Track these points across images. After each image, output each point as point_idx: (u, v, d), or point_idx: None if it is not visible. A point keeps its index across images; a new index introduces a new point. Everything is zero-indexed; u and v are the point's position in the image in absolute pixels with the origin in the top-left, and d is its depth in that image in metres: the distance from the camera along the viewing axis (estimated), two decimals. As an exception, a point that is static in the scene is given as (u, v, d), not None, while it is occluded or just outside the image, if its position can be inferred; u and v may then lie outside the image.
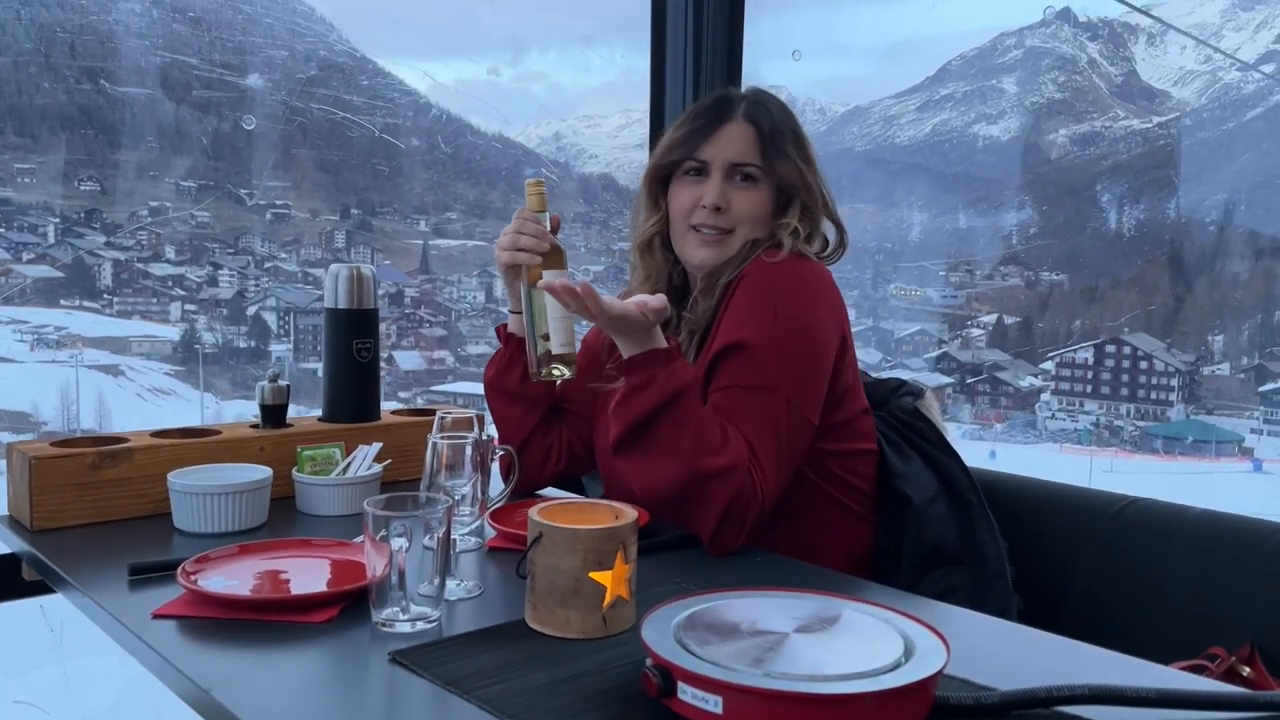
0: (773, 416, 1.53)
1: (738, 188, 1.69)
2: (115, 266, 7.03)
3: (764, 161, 1.69)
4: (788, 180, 1.69)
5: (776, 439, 1.53)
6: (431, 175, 7.53)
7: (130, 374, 6.98)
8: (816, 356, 1.60)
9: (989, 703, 0.97)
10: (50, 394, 6.45)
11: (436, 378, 8.38)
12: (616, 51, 8.71)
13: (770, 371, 1.54)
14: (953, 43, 14.11)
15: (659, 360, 1.47)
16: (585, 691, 1.02)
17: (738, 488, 1.46)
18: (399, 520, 1.14)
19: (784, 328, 1.56)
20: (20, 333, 6.66)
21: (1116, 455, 11.97)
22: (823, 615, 1.06)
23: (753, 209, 1.69)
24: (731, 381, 1.55)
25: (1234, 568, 1.55)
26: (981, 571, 1.66)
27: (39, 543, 1.56)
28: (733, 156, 1.69)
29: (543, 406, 1.81)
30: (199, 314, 7.33)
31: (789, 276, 1.61)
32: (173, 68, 6.06)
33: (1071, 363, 12.56)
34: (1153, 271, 12.84)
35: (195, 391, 6.88)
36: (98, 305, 6.99)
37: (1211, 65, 14.66)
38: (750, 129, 1.69)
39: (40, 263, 6.70)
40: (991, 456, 11.18)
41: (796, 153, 1.70)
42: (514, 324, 1.81)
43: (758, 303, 1.58)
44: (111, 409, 6.69)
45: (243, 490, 1.61)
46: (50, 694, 3.21)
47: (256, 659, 1.15)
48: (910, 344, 12.34)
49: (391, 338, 8.27)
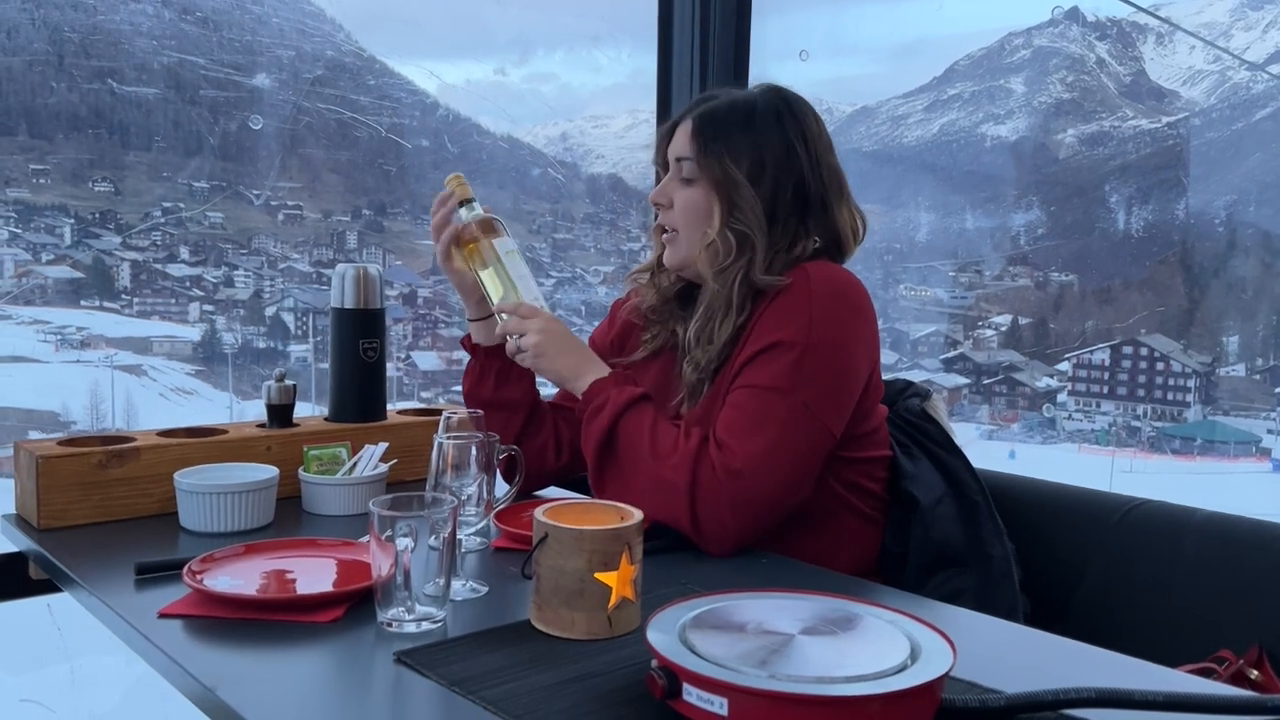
0: (779, 417, 1.52)
1: (680, 186, 1.68)
2: (133, 267, 7.05)
3: (694, 157, 1.65)
4: (715, 179, 1.63)
5: (774, 436, 1.51)
6: (441, 175, 7.53)
7: (153, 374, 7.01)
8: (845, 369, 1.58)
9: (995, 706, 0.97)
10: (79, 394, 6.50)
11: (454, 378, 8.40)
12: (624, 52, 8.71)
13: (791, 375, 1.53)
14: (960, 43, 14.09)
15: (610, 384, 1.60)
16: (590, 692, 1.02)
17: (689, 487, 1.48)
18: (404, 520, 1.14)
19: (818, 335, 1.54)
20: (43, 333, 6.70)
21: (1135, 455, 11.93)
22: (828, 617, 1.06)
23: (685, 206, 1.67)
24: (754, 382, 1.54)
25: (1242, 570, 1.55)
26: (988, 573, 1.65)
27: (46, 541, 1.56)
28: (674, 153, 1.69)
29: (522, 410, 1.80)
30: (216, 314, 7.36)
31: (827, 286, 1.58)
32: (183, 68, 6.07)
33: (1088, 364, 12.53)
34: (1164, 272, 12.79)
35: (217, 391, 6.92)
36: (117, 306, 7.03)
37: (1221, 65, 14.61)
38: (689, 125, 1.67)
39: (59, 264, 6.73)
40: (1011, 457, 11.16)
41: (732, 150, 1.63)
42: (476, 333, 1.80)
43: (793, 312, 1.56)
44: (139, 408, 6.74)
45: (249, 490, 1.61)
46: (56, 692, 3.22)
47: (262, 658, 1.15)
48: (925, 345, 12.32)
49: (408, 338, 8.29)
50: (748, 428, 1.51)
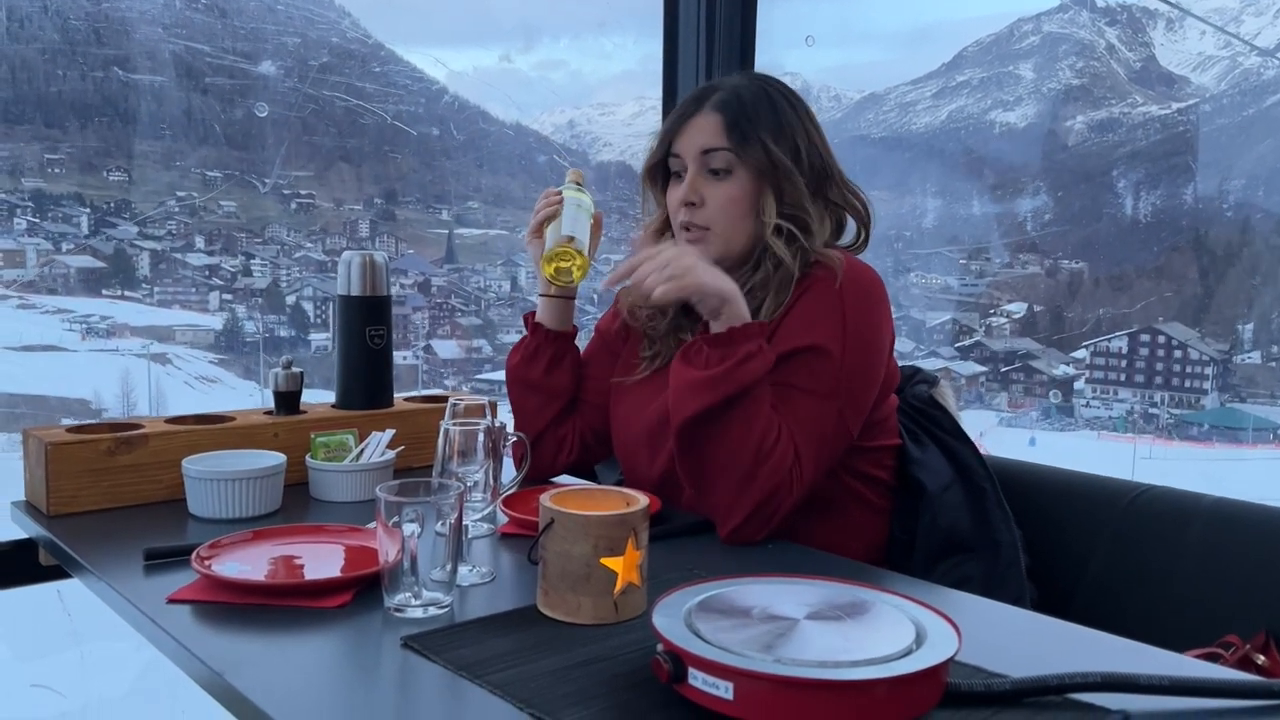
0: (823, 422, 1.52)
1: (712, 181, 1.64)
2: (152, 257, 7.10)
3: (732, 148, 1.61)
4: (759, 168, 1.61)
5: (821, 445, 1.52)
6: (452, 164, 7.53)
7: (177, 362, 7.08)
8: (873, 370, 1.58)
9: (1001, 690, 0.97)
10: (109, 382, 6.56)
11: (475, 366, 8.42)
12: (629, 38, 8.67)
13: (832, 379, 1.53)
14: (970, 29, 14.00)
15: (758, 333, 1.48)
16: (596, 677, 1.02)
17: (776, 486, 1.47)
18: (411, 506, 1.14)
19: (852, 338, 1.54)
20: (68, 322, 6.76)
21: (1154, 442, 11.93)
22: (834, 602, 1.06)
23: (724, 202, 1.62)
24: (794, 382, 1.53)
25: (1249, 556, 1.54)
26: (996, 560, 1.65)
27: (55, 528, 1.57)
28: (701, 143, 1.63)
29: (563, 399, 1.80)
30: (235, 303, 7.40)
31: (856, 286, 1.57)
32: (193, 56, 6.07)
33: (1105, 351, 12.53)
34: (1178, 260, 12.74)
35: (240, 380, 6.98)
36: (138, 295, 7.07)
37: (1231, 50, 14.51)
38: (717, 117, 1.63)
39: (80, 253, 6.77)
40: (1031, 444, 11.18)
41: (770, 136, 1.61)
42: (542, 310, 1.80)
43: (827, 309, 1.55)
44: (168, 396, 6.81)
45: (257, 476, 1.62)
46: (67, 678, 3.24)
47: (270, 644, 1.15)
48: (940, 333, 12.31)
49: (426, 327, 8.30)
50: (803, 432, 1.51)
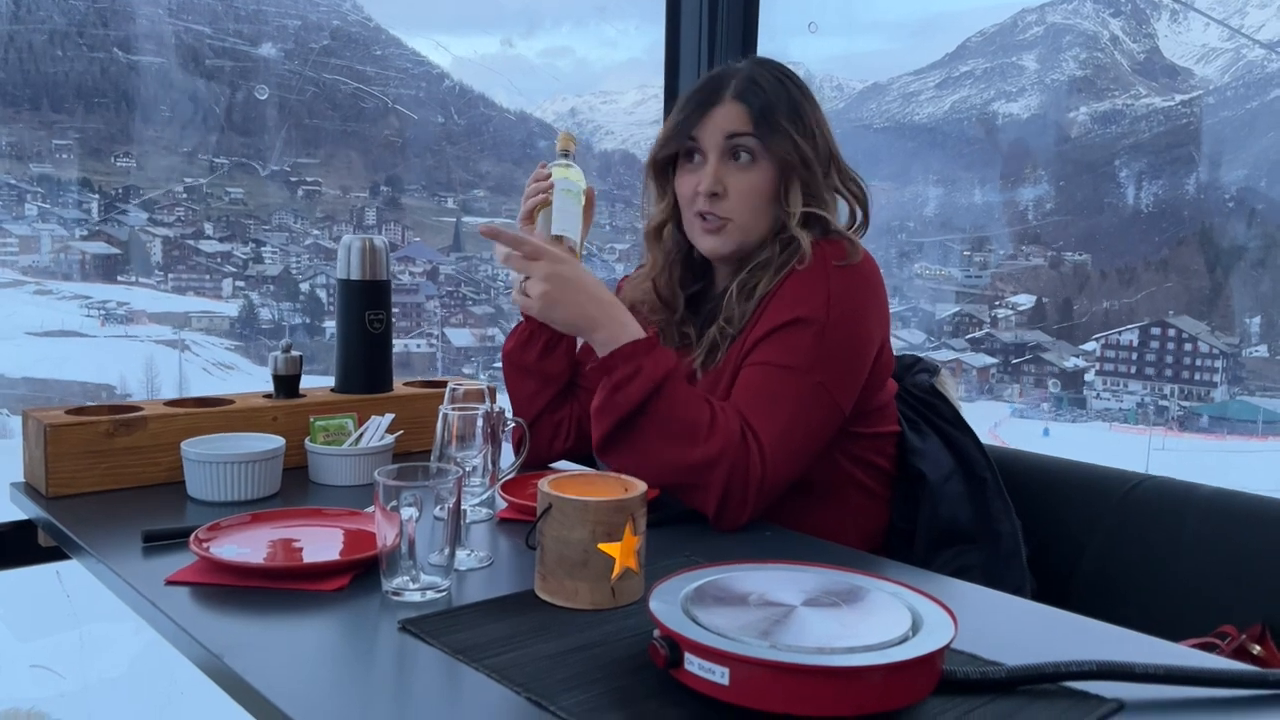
0: (796, 396, 1.51)
1: (735, 169, 1.64)
2: (165, 244, 7.10)
3: (760, 136, 1.61)
4: (785, 158, 1.61)
5: (792, 417, 1.51)
6: (455, 149, 7.52)
7: (195, 349, 7.10)
8: (859, 347, 1.57)
9: (996, 677, 0.97)
10: (133, 368, 6.60)
11: (490, 353, 8.42)
12: (631, 24, 8.62)
13: (809, 352, 1.52)
14: (973, 19, 13.96)
15: (641, 350, 1.47)
16: (593, 662, 1.02)
17: (729, 469, 1.45)
18: (409, 490, 1.15)
19: (834, 314, 1.53)
20: (86, 308, 6.77)
21: (1166, 434, 11.96)
22: (831, 589, 1.06)
23: (749, 191, 1.63)
24: (765, 359, 1.54)
25: (1246, 546, 1.55)
26: (996, 550, 1.65)
27: (54, 509, 1.57)
28: (727, 129, 1.63)
29: (557, 384, 1.80)
30: (248, 290, 7.41)
31: (844, 264, 1.57)
32: (199, 40, 6.05)
33: (1116, 344, 12.56)
34: (1184, 253, 12.73)
35: (255, 366, 7.01)
36: (153, 281, 7.09)
37: (1235, 43, 14.45)
38: (741, 107, 1.63)
39: (94, 239, 6.78)
40: (1045, 434, 11.20)
41: (794, 126, 1.62)
42: None
43: (811, 289, 1.55)
44: (190, 382, 6.85)
45: (256, 459, 1.62)
46: (66, 658, 3.25)
47: (268, 626, 1.16)
48: (950, 325, 12.31)
49: (438, 314, 8.30)
50: (768, 408, 1.50)
